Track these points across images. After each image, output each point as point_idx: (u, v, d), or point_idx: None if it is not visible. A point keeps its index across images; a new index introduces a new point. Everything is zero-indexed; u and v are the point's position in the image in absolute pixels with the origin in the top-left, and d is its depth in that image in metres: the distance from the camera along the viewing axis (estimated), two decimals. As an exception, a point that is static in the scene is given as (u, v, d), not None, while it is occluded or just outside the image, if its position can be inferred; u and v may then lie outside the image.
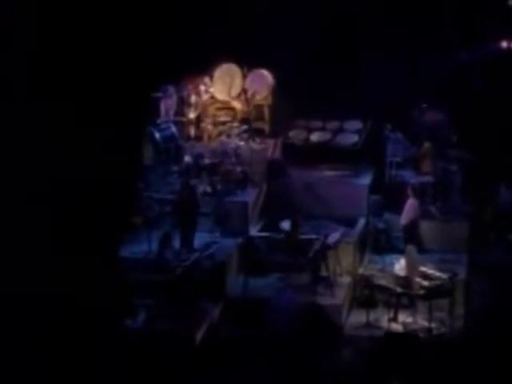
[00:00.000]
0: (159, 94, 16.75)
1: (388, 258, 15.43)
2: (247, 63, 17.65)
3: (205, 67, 17.66)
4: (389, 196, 16.69)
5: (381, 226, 16.32)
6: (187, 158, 16.31)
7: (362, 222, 16.25)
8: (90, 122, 7.58)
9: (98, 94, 7.64)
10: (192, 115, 17.39)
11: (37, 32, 7.24)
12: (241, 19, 17.21)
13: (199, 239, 14.91)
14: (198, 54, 16.82)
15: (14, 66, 7.28)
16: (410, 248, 14.44)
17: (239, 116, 17.66)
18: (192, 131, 17.52)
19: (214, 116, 17.72)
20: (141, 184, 15.09)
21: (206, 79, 17.77)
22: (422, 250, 15.28)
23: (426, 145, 17.02)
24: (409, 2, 17.24)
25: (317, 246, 14.53)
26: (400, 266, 14.28)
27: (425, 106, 17.32)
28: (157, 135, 16.27)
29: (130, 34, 7.65)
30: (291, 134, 17.77)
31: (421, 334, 13.60)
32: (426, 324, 13.93)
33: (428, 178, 16.69)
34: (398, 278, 14.12)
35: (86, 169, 7.59)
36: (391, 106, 16.60)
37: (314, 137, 17.68)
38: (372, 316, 14.30)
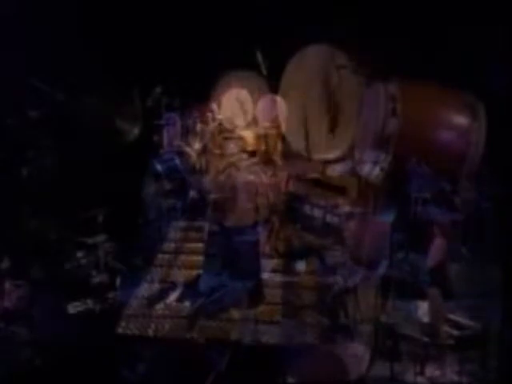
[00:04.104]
0: (162, 122, 16.74)
1: (413, 305, 15.20)
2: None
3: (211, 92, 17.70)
4: (414, 235, 16.52)
5: (405, 268, 16.15)
6: (192, 193, 16.28)
7: (384, 263, 16.05)
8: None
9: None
10: (197, 145, 17.31)
11: None
12: (252, 40, 17.26)
13: (205, 282, 14.79)
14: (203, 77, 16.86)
15: None
16: (433, 291, 14.23)
17: (249, 147, 17.61)
18: (197, 163, 17.45)
19: (222, 146, 17.65)
20: (141, 221, 15.12)
21: (213, 105, 17.72)
22: (450, 295, 15.11)
23: (455, 178, 16.91)
24: (439, 21, 17.21)
25: (334, 289, 14.42)
26: (422, 310, 14.11)
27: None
28: (159, 168, 16.22)
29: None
30: (306, 165, 17.70)
31: (451, 390, 13.45)
32: (455, 378, 13.71)
33: (457, 216, 16.52)
34: (423, 325, 13.94)
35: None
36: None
37: (331, 168, 17.59)
38: (396, 369, 14.07)
